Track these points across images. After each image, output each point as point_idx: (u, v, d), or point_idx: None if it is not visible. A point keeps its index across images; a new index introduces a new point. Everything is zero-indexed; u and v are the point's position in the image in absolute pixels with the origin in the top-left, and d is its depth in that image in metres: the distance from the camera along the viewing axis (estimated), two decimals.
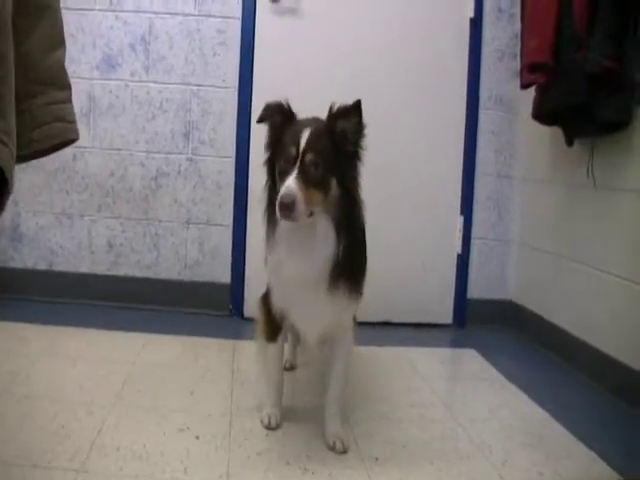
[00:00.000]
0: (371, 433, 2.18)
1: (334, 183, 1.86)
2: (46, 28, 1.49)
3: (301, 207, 1.75)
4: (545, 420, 2.40)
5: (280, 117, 1.94)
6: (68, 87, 1.57)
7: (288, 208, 1.74)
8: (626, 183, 2.72)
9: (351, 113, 1.88)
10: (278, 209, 1.75)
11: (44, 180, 3.48)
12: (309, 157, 1.81)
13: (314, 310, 1.99)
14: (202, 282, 3.55)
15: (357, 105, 1.87)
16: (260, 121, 1.99)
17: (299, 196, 1.74)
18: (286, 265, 1.93)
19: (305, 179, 1.78)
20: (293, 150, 1.82)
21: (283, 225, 1.88)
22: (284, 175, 1.81)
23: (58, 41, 1.54)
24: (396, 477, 1.90)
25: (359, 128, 1.89)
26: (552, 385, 2.86)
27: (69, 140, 1.57)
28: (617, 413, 2.56)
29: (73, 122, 1.58)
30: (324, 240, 1.88)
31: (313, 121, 1.94)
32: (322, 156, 1.82)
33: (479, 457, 2.06)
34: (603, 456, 2.10)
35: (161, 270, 3.55)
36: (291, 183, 1.76)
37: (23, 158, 1.47)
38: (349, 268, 1.93)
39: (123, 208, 3.52)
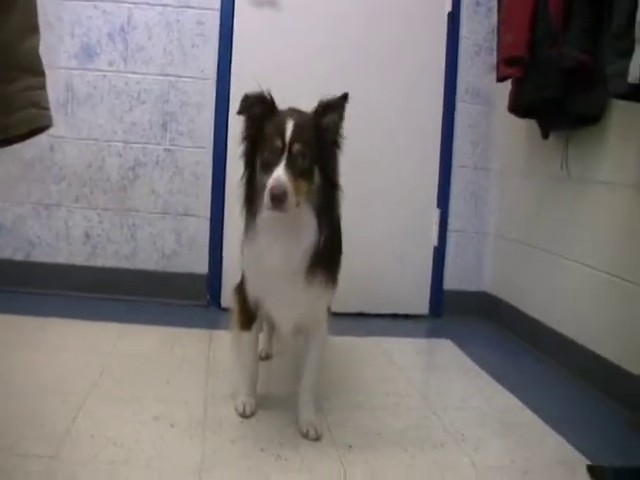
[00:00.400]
0: (345, 421, 2.19)
1: (317, 173, 1.87)
2: (21, 15, 1.49)
3: (292, 198, 1.75)
4: (518, 408, 2.44)
5: (261, 108, 1.94)
6: (42, 74, 1.58)
7: (279, 199, 1.73)
8: (599, 175, 2.77)
9: (337, 106, 1.90)
10: (268, 200, 1.74)
11: (21, 170, 3.46)
12: (296, 147, 1.81)
13: (290, 299, 2.00)
14: (179, 272, 3.55)
15: (344, 97, 1.90)
16: (240, 113, 1.97)
17: (289, 187, 1.75)
18: (268, 255, 1.93)
19: (293, 170, 1.79)
20: (278, 141, 1.82)
21: (264, 216, 1.88)
22: (269, 166, 1.81)
23: (33, 28, 1.55)
24: (369, 464, 1.91)
25: (341, 119, 1.91)
26: (526, 374, 2.90)
27: (43, 126, 1.58)
28: (588, 400, 2.61)
29: (47, 109, 1.59)
30: (306, 230, 1.89)
31: (296, 112, 1.94)
32: (308, 146, 1.83)
33: (452, 444, 2.09)
34: (573, 442, 2.14)
35: (138, 260, 3.54)
36: (281, 174, 1.76)
37: None
38: (327, 257, 1.95)
39: (100, 199, 3.50)
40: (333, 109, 1.90)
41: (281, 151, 1.81)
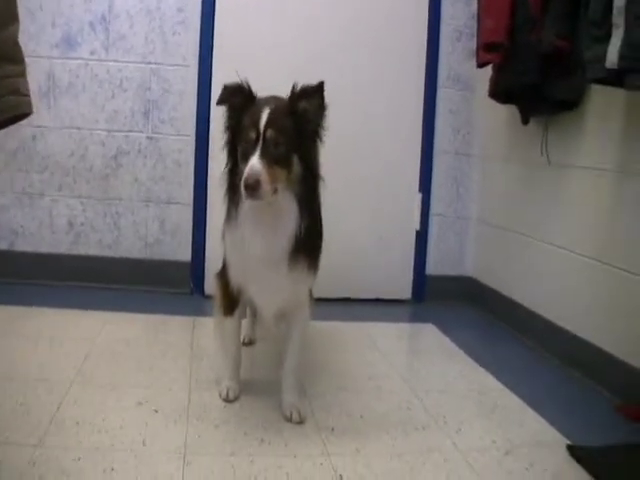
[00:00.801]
0: (328, 405, 2.22)
1: (296, 160, 1.88)
2: (1, 4, 1.50)
3: (266, 186, 1.77)
4: (499, 390, 2.47)
5: (240, 98, 1.95)
6: (22, 61, 1.59)
7: (253, 188, 1.75)
8: (578, 160, 2.80)
9: (313, 94, 1.91)
10: (243, 189, 1.77)
11: (4, 160, 3.44)
12: (270, 135, 1.82)
13: (273, 286, 2.02)
14: (163, 260, 3.55)
15: (320, 86, 1.90)
16: (219, 103, 1.99)
17: (263, 175, 1.76)
18: (250, 243, 1.94)
19: (268, 158, 1.80)
20: (254, 130, 1.84)
21: (246, 204, 1.89)
22: (246, 156, 1.83)
23: (11, 16, 1.56)
24: (352, 446, 1.94)
25: (321, 109, 1.92)
26: (508, 358, 2.93)
27: (24, 113, 1.58)
28: (570, 383, 2.65)
29: (28, 95, 1.60)
30: (288, 217, 1.91)
31: (273, 100, 1.94)
32: (283, 134, 1.84)
33: (434, 427, 2.12)
34: (554, 422, 2.18)
35: (122, 249, 3.54)
36: (255, 163, 1.78)
37: None
38: (308, 244, 1.97)
39: (83, 187, 3.50)
40: (308, 95, 1.90)
41: (256, 140, 1.83)
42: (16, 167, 3.46)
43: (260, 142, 1.82)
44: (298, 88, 1.92)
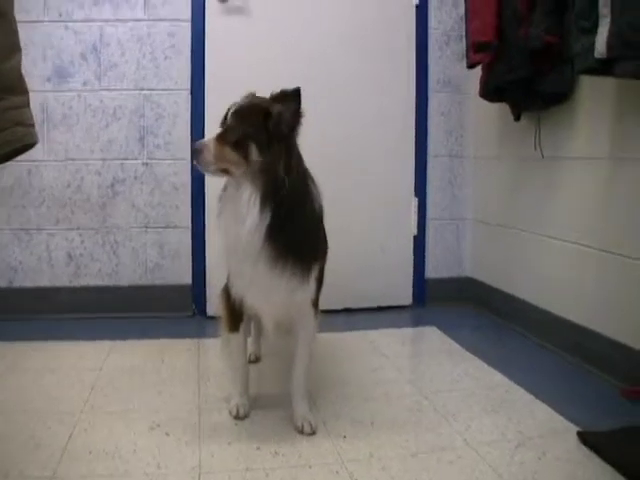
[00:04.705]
0: (338, 413, 2.23)
1: (254, 151, 1.92)
2: (2, 36, 1.52)
3: (209, 156, 1.96)
4: (507, 386, 2.48)
5: None
6: (25, 92, 1.61)
7: (197, 153, 1.97)
8: (572, 152, 2.83)
9: (289, 98, 1.94)
10: (191, 156, 1.91)
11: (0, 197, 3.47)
12: (230, 122, 1.98)
13: (264, 288, 2.00)
14: (164, 285, 3.56)
15: (296, 92, 1.94)
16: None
17: (209, 147, 1.96)
18: (224, 230, 2.04)
19: (222, 139, 1.97)
20: (222, 119, 2.02)
21: (225, 193, 2.06)
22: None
23: (14, 48, 1.58)
24: (365, 452, 1.95)
25: (296, 114, 1.94)
26: (513, 353, 2.94)
27: (29, 144, 1.60)
28: (576, 373, 2.66)
29: (32, 125, 1.62)
30: (248, 206, 1.92)
31: (251, 98, 2.06)
32: (243, 123, 1.96)
33: (444, 425, 2.13)
34: (562, 412, 2.20)
35: (122, 277, 3.55)
36: (207, 138, 2.01)
37: None
38: (295, 247, 1.96)
39: (81, 218, 3.51)
40: (284, 100, 1.95)
41: (221, 126, 2.02)
42: (12, 203, 3.46)
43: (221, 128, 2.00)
44: (277, 92, 1.98)
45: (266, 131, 1.93)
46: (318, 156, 2.08)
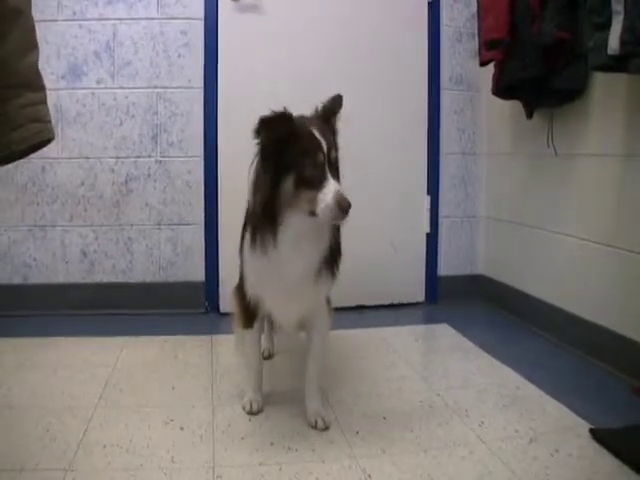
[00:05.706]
0: (351, 409, 2.24)
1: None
2: (19, 33, 1.54)
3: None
4: (519, 382, 2.49)
5: (281, 126, 1.85)
6: (42, 88, 1.63)
7: (347, 212, 1.77)
8: (585, 148, 2.82)
9: (339, 108, 1.98)
10: (338, 212, 1.76)
11: (14, 194, 3.48)
12: (333, 156, 1.87)
13: (293, 297, 2.03)
14: (177, 282, 3.58)
15: (340, 99, 1.99)
16: (259, 134, 1.88)
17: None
18: (288, 264, 1.93)
19: (336, 179, 1.85)
20: (320, 154, 1.83)
21: (289, 225, 1.87)
22: (314, 179, 1.81)
23: (31, 44, 1.60)
24: (378, 447, 1.96)
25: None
26: (525, 350, 2.93)
27: (46, 140, 1.62)
28: (588, 370, 2.66)
29: (49, 122, 1.63)
30: (324, 234, 1.94)
31: (315, 121, 1.94)
32: (337, 152, 1.91)
33: (456, 421, 2.14)
34: (575, 409, 2.21)
35: (136, 273, 3.57)
36: (338, 186, 1.81)
37: (1, 160, 1.52)
38: (331, 252, 2.00)
39: (95, 215, 3.53)
40: (336, 111, 1.97)
41: (323, 164, 1.83)
42: (27, 200, 3.49)
43: (326, 165, 1.83)
44: (327, 105, 1.97)
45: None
46: None
